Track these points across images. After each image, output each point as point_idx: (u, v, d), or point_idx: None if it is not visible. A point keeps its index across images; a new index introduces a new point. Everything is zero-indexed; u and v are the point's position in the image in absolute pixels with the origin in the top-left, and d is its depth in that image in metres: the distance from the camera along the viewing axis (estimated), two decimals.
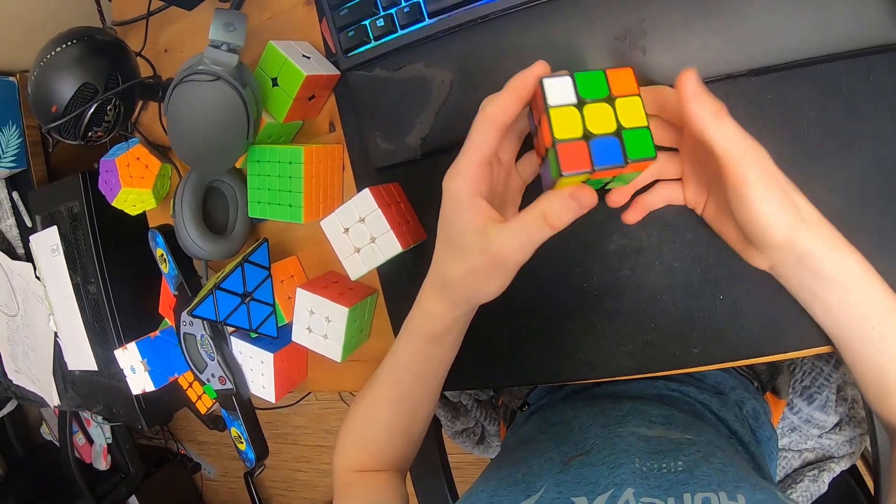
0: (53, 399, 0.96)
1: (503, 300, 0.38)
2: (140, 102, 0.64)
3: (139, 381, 0.62)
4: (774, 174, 0.31)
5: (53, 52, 0.45)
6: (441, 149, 0.46)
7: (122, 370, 0.63)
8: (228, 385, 0.57)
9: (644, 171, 0.36)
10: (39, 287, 0.89)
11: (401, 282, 0.52)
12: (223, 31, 0.41)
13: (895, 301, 0.33)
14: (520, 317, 0.46)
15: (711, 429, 0.47)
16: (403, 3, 0.43)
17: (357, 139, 0.51)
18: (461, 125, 0.44)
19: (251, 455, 0.60)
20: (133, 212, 0.64)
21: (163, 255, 0.58)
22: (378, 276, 0.53)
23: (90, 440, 1.45)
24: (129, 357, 0.62)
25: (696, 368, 0.42)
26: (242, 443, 0.60)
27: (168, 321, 0.65)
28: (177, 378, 0.65)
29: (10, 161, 0.88)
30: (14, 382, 1.02)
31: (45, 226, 0.84)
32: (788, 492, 0.63)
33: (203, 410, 0.66)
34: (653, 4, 0.38)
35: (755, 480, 0.36)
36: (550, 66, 0.32)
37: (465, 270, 0.35)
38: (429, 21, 0.43)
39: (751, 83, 0.38)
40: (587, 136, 0.30)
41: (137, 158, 0.60)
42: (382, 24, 0.44)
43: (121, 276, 0.81)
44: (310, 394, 1.64)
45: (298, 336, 0.52)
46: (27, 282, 0.92)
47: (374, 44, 0.45)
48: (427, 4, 0.42)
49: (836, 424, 0.63)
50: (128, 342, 0.62)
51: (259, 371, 0.56)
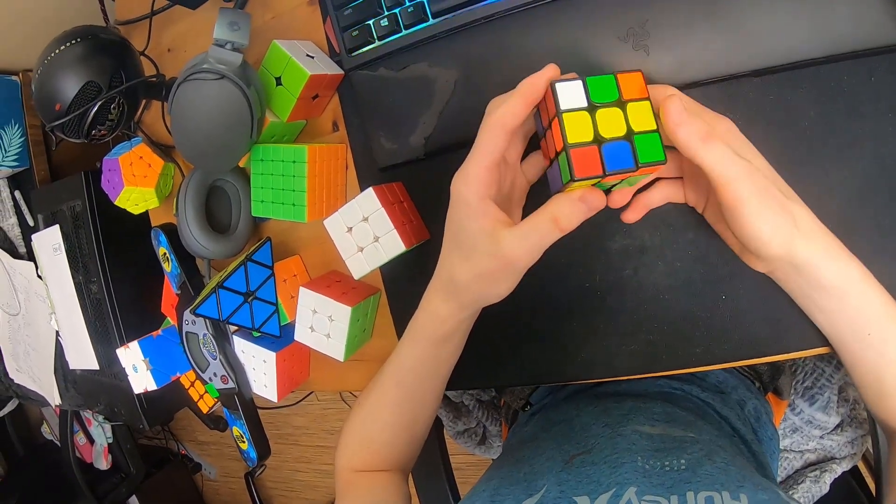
0: (54, 398, 0.96)
1: (506, 300, 0.38)
2: (143, 101, 0.64)
3: (141, 380, 0.62)
4: (767, 189, 0.31)
5: (57, 51, 0.46)
6: (444, 148, 0.46)
7: (124, 369, 0.63)
8: (231, 384, 0.57)
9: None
10: (41, 286, 0.89)
11: (404, 281, 0.52)
12: (227, 30, 0.41)
13: (892, 307, 0.33)
14: (522, 317, 0.47)
15: (714, 427, 0.47)
16: (407, 3, 0.43)
17: (360, 138, 0.52)
18: (465, 125, 0.44)
19: (253, 454, 0.60)
20: (136, 211, 0.64)
21: (165, 254, 0.58)
22: (381, 276, 0.53)
23: (91, 440, 1.45)
24: (132, 356, 0.62)
25: (699, 368, 0.42)
26: (244, 442, 0.60)
27: (170, 320, 0.65)
28: (179, 377, 0.65)
29: (13, 160, 0.88)
30: (15, 381, 1.02)
31: (48, 225, 0.84)
32: (790, 492, 0.63)
33: (205, 410, 0.66)
34: (655, 5, 0.38)
35: (758, 480, 0.36)
36: (560, 69, 0.32)
37: (475, 273, 0.35)
38: (432, 21, 0.43)
39: (752, 84, 0.38)
40: (599, 141, 0.30)
41: (140, 157, 0.60)
42: (386, 24, 0.44)
43: (123, 276, 0.81)
44: (311, 393, 1.63)
45: (301, 335, 0.52)
46: (29, 281, 0.92)
47: (378, 43, 0.45)
48: (431, 4, 0.42)
49: (838, 425, 0.63)
50: (129, 341, 0.62)
51: (261, 370, 0.56)
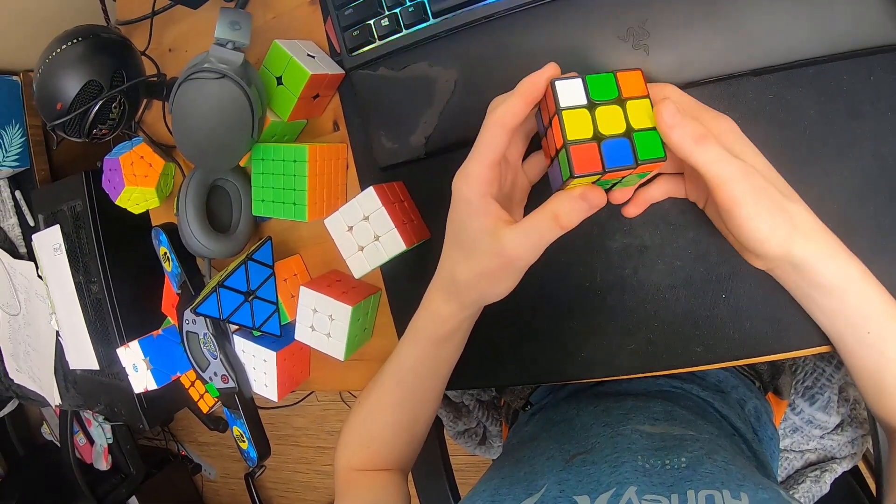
0: (55, 398, 0.96)
1: (506, 300, 0.38)
2: (144, 101, 0.64)
3: (141, 380, 0.62)
4: (764, 189, 0.31)
5: (59, 50, 0.46)
6: (445, 148, 0.46)
7: (125, 369, 0.63)
8: (231, 384, 0.57)
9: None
10: (41, 286, 0.89)
11: (404, 281, 0.52)
12: (229, 30, 0.42)
13: (892, 306, 0.33)
14: (522, 316, 0.47)
15: (714, 426, 0.47)
16: (408, 3, 0.43)
17: (361, 138, 0.52)
18: (465, 125, 0.45)
19: (253, 454, 0.60)
20: (136, 210, 0.64)
21: (166, 254, 0.58)
22: (381, 275, 0.53)
23: (91, 440, 1.45)
24: (132, 355, 0.62)
25: (699, 367, 0.42)
26: (245, 442, 0.60)
27: (171, 320, 0.65)
28: (179, 377, 0.65)
29: (13, 160, 0.88)
30: (15, 382, 1.02)
31: (48, 225, 0.85)
32: (790, 492, 0.63)
33: (205, 409, 0.66)
34: (655, 5, 0.38)
35: (758, 479, 0.36)
36: (560, 68, 0.32)
37: (477, 272, 0.35)
38: (433, 21, 0.43)
39: (752, 83, 0.38)
40: (598, 138, 0.30)
41: (141, 157, 0.60)
42: (387, 24, 0.44)
43: (123, 275, 0.81)
44: (311, 393, 1.63)
45: (301, 334, 0.52)
46: (29, 281, 0.92)
47: (379, 43, 0.46)
48: (431, 4, 0.42)
49: (838, 425, 0.63)
50: (130, 341, 0.62)
51: (262, 370, 0.56)
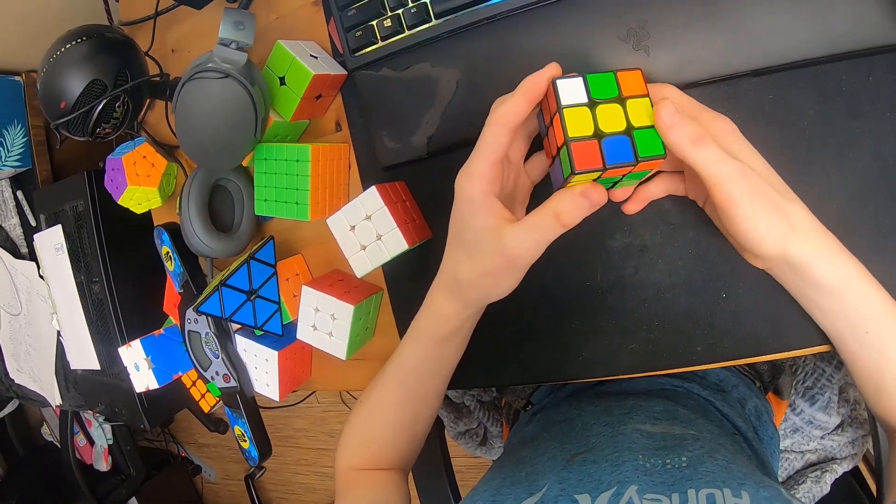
0: (55, 398, 0.96)
1: (507, 299, 0.38)
2: (147, 101, 0.65)
3: (143, 379, 0.62)
4: (761, 189, 0.32)
5: (63, 49, 0.46)
6: (447, 148, 0.46)
7: (126, 369, 0.63)
8: (232, 383, 0.57)
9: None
10: (43, 286, 0.89)
11: (406, 280, 0.52)
12: (232, 30, 0.42)
13: (891, 305, 0.33)
14: (523, 316, 0.47)
15: (715, 425, 0.47)
16: (410, 4, 0.44)
17: (363, 138, 0.52)
18: (467, 125, 0.45)
19: (254, 453, 0.60)
20: (139, 210, 0.64)
21: (168, 253, 0.59)
22: (383, 275, 0.53)
23: (91, 441, 1.45)
24: (134, 354, 0.62)
25: (700, 367, 0.42)
26: (246, 441, 0.60)
27: (172, 319, 0.65)
28: (180, 376, 0.65)
29: (15, 160, 0.89)
30: (16, 382, 1.02)
31: (50, 224, 0.85)
32: (791, 492, 0.63)
33: (206, 409, 0.66)
34: (655, 6, 0.38)
35: (759, 478, 0.36)
36: (561, 68, 0.33)
37: (479, 271, 0.35)
38: (435, 21, 0.43)
39: (752, 83, 0.38)
40: (599, 135, 0.31)
41: (144, 157, 0.61)
42: (389, 25, 0.45)
43: (125, 275, 0.81)
44: (312, 394, 1.63)
45: (303, 334, 0.52)
46: (30, 281, 0.92)
47: (381, 44, 0.46)
48: (434, 5, 0.43)
49: (839, 426, 0.63)
50: (131, 341, 0.62)
51: (263, 369, 0.56)
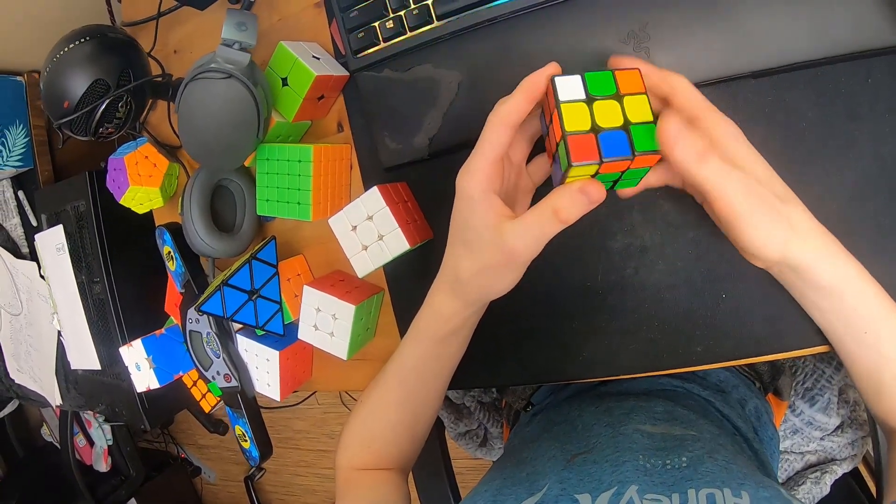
0: (55, 399, 0.96)
1: (507, 299, 0.38)
2: (150, 101, 0.65)
3: (144, 379, 0.62)
4: (762, 198, 0.32)
5: (66, 49, 0.46)
6: (448, 149, 0.46)
7: (126, 369, 0.63)
8: (234, 383, 0.57)
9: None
10: (43, 286, 0.89)
11: (407, 281, 0.52)
12: (235, 31, 0.42)
13: (890, 306, 0.33)
14: (524, 316, 0.47)
15: (715, 426, 0.47)
16: (412, 6, 0.44)
17: (365, 139, 0.52)
18: (469, 126, 0.45)
19: (255, 453, 0.60)
20: (140, 210, 0.64)
21: (170, 253, 0.59)
22: (384, 276, 0.53)
23: (91, 442, 1.45)
24: (135, 354, 0.62)
25: (699, 367, 0.42)
26: (247, 441, 0.60)
27: (174, 319, 0.65)
28: (181, 376, 0.65)
29: (17, 160, 0.89)
30: (16, 382, 1.02)
31: (51, 224, 0.85)
32: (791, 493, 0.63)
33: (207, 409, 0.66)
34: (655, 8, 0.39)
35: (759, 478, 0.36)
36: (561, 69, 0.33)
37: (478, 267, 0.35)
38: (437, 23, 0.44)
39: (751, 85, 0.38)
40: (596, 130, 0.31)
41: (146, 157, 0.61)
42: (391, 26, 0.45)
43: (126, 275, 0.81)
44: (313, 395, 1.63)
45: (304, 333, 0.52)
46: (31, 281, 0.92)
47: (383, 45, 0.46)
48: (436, 7, 0.43)
49: (838, 427, 0.63)
50: (132, 341, 0.62)
51: (264, 369, 0.56)
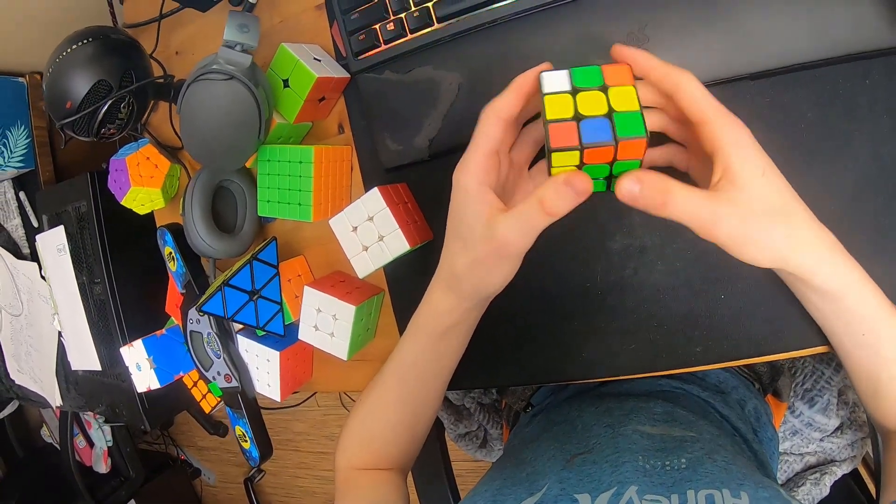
0: (56, 399, 0.96)
1: (507, 300, 0.38)
2: (151, 102, 0.65)
3: (144, 379, 0.63)
4: (754, 219, 0.31)
5: (69, 50, 0.47)
6: (449, 150, 0.46)
7: (127, 369, 0.63)
8: (234, 383, 0.58)
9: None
10: (44, 287, 0.90)
11: (407, 281, 0.52)
12: (237, 32, 0.42)
13: (889, 308, 0.33)
14: (524, 317, 0.47)
15: (715, 427, 0.47)
16: (413, 8, 0.44)
17: (366, 140, 0.52)
18: (469, 127, 0.44)
19: (255, 454, 0.60)
20: (142, 211, 0.65)
21: (171, 253, 0.59)
22: (385, 276, 0.53)
23: (91, 443, 1.45)
24: (135, 354, 0.62)
25: (699, 367, 0.42)
26: (247, 441, 0.60)
27: (174, 320, 0.65)
28: (182, 376, 0.65)
29: (18, 161, 0.89)
30: (16, 382, 1.02)
31: (52, 225, 0.85)
32: (790, 494, 0.63)
33: (207, 410, 0.66)
34: (654, 9, 0.39)
35: (759, 478, 0.37)
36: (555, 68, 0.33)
37: (471, 260, 0.36)
38: (438, 25, 0.44)
39: (750, 86, 0.39)
40: (578, 118, 0.30)
41: (147, 158, 0.61)
42: (392, 28, 0.45)
43: (126, 277, 0.81)
44: (313, 395, 1.63)
45: (305, 334, 0.53)
46: (32, 281, 0.93)
47: (384, 47, 0.46)
48: (436, 9, 0.43)
49: (838, 428, 0.63)
50: (133, 341, 0.62)
51: (265, 369, 0.56)
